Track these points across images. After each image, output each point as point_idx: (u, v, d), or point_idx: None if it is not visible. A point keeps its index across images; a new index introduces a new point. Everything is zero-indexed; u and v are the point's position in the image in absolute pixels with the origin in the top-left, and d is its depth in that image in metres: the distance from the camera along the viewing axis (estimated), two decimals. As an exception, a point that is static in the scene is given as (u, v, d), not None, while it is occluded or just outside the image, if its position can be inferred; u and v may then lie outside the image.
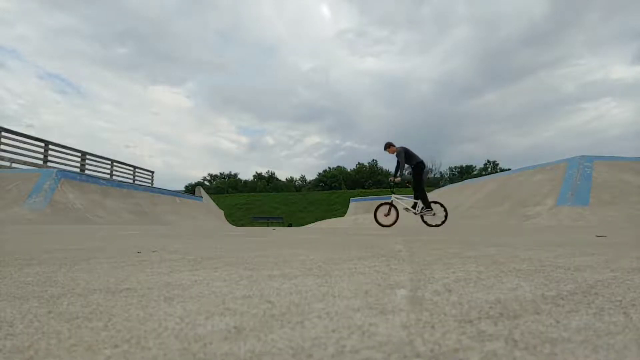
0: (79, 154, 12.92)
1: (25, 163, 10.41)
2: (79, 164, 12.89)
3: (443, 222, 6.14)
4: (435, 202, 6.28)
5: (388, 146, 6.25)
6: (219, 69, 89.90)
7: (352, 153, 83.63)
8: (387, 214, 6.30)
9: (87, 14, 79.42)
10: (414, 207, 6.28)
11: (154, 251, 1.71)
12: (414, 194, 6.29)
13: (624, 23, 69.75)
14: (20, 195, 8.33)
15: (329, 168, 54.23)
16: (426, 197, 6.14)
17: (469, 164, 51.71)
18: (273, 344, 0.47)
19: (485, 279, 0.93)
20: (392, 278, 0.96)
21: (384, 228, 5.77)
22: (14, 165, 10.06)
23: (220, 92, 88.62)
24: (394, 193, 6.44)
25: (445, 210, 6.20)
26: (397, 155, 6.08)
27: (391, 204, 6.33)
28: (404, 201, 6.45)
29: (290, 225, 26.47)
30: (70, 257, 1.47)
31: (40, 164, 10.91)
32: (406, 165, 6.22)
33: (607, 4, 73.43)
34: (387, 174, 48.80)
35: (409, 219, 10.31)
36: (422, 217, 6.22)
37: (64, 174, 9.71)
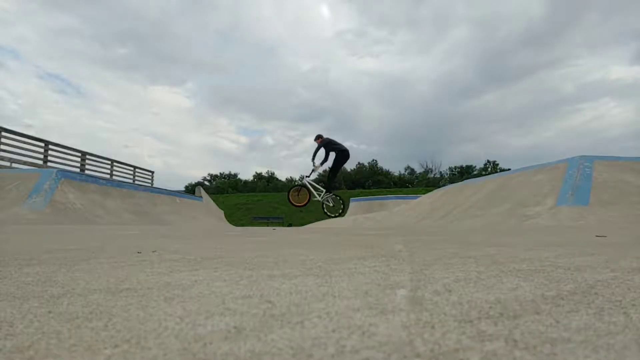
0: (79, 154, 12.93)
1: (25, 163, 10.41)
2: (79, 164, 12.90)
3: (340, 214, 7.28)
4: (336, 196, 7.36)
5: (317, 138, 7.31)
6: (219, 69, 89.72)
7: (351, 153, 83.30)
8: (299, 196, 7.47)
9: (87, 15, 79.32)
10: (318, 192, 7.26)
11: (154, 251, 1.71)
12: (328, 174, 7.25)
13: (623, 23, 69.71)
14: (20, 195, 8.32)
15: (329, 168, 54.13)
16: (334, 180, 7.18)
17: (469, 164, 51.54)
18: (273, 344, 0.47)
19: (485, 279, 0.93)
20: (392, 278, 0.96)
21: (383, 228, 5.90)
22: (14, 165, 10.06)
23: (220, 92, 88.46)
24: (308, 177, 7.55)
25: (343, 203, 7.44)
26: (320, 144, 7.06)
27: (303, 187, 7.51)
28: (313, 186, 7.49)
29: (290, 225, 26.47)
30: (70, 257, 1.47)
31: (40, 164, 10.92)
32: (332, 154, 7.25)
33: (607, 4, 73.38)
34: (386, 173, 48.78)
35: (406, 219, 10.28)
36: (322, 205, 7.24)
37: (64, 174, 9.70)
